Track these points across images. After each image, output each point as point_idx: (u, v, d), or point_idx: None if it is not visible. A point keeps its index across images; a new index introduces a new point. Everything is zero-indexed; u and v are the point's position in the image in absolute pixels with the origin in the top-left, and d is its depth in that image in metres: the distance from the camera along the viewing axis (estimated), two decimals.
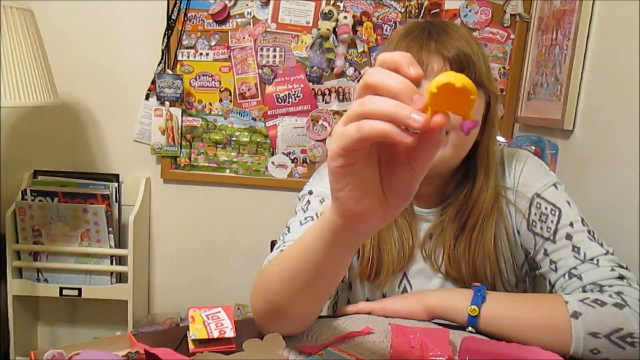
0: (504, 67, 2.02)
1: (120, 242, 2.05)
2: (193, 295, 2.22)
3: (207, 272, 2.23)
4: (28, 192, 1.93)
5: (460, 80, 0.45)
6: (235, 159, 2.12)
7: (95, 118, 2.09)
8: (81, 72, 2.04)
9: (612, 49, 1.45)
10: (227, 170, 2.13)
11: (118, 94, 2.07)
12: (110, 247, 1.98)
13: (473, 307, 0.86)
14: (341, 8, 1.99)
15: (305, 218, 0.99)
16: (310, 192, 1.03)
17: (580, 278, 0.89)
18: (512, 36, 1.99)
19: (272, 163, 2.12)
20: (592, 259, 0.90)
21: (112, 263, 2.01)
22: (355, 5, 1.99)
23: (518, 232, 1.01)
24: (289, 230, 0.98)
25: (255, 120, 2.08)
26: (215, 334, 0.75)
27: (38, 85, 1.61)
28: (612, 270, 0.87)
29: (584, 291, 0.87)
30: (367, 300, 1.06)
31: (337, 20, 1.97)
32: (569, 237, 0.93)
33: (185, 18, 2.01)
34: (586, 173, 1.50)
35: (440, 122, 0.47)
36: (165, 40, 2.01)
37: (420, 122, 0.46)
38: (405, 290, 1.03)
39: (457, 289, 1.00)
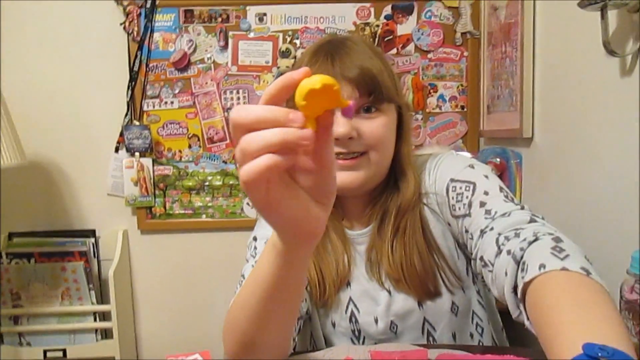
0: (462, 85, 2.06)
1: (103, 298, 2.02)
2: (181, 344, 2.18)
3: (194, 319, 2.20)
4: (4, 256, 1.91)
5: (317, 81, 0.48)
6: (210, 204, 2.12)
7: (67, 175, 2.09)
8: (48, 130, 2.05)
9: (556, 52, 1.50)
10: (204, 216, 2.13)
11: (87, 149, 2.08)
12: (92, 303, 1.96)
13: None
14: (298, 45, 2.03)
15: (256, 262, 1.01)
16: (255, 239, 1.04)
17: (492, 228, 0.82)
18: (466, 53, 2.04)
19: (248, 204, 2.12)
20: (504, 214, 0.83)
21: (95, 320, 1.98)
22: (311, 40, 2.02)
23: (449, 225, 0.99)
24: (244, 277, 0.99)
25: (226, 163, 2.10)
26: None
27: (3, 146, 1.62)
28: (525, 216, 0.80)
29: (497, 242, 0.79)
30: (322, 330, 1.03)
31: (295, 57, 2.01)
32: (482, 204, 0.88)
33: (147, 68, 2.03)
34: (550, 176, 1.53)
35: (328, 123, 0.50)
36: (130, 92, 2.04)
37: (311, 138, 0.48)
38: (352, 315, 1.01)
39: None
